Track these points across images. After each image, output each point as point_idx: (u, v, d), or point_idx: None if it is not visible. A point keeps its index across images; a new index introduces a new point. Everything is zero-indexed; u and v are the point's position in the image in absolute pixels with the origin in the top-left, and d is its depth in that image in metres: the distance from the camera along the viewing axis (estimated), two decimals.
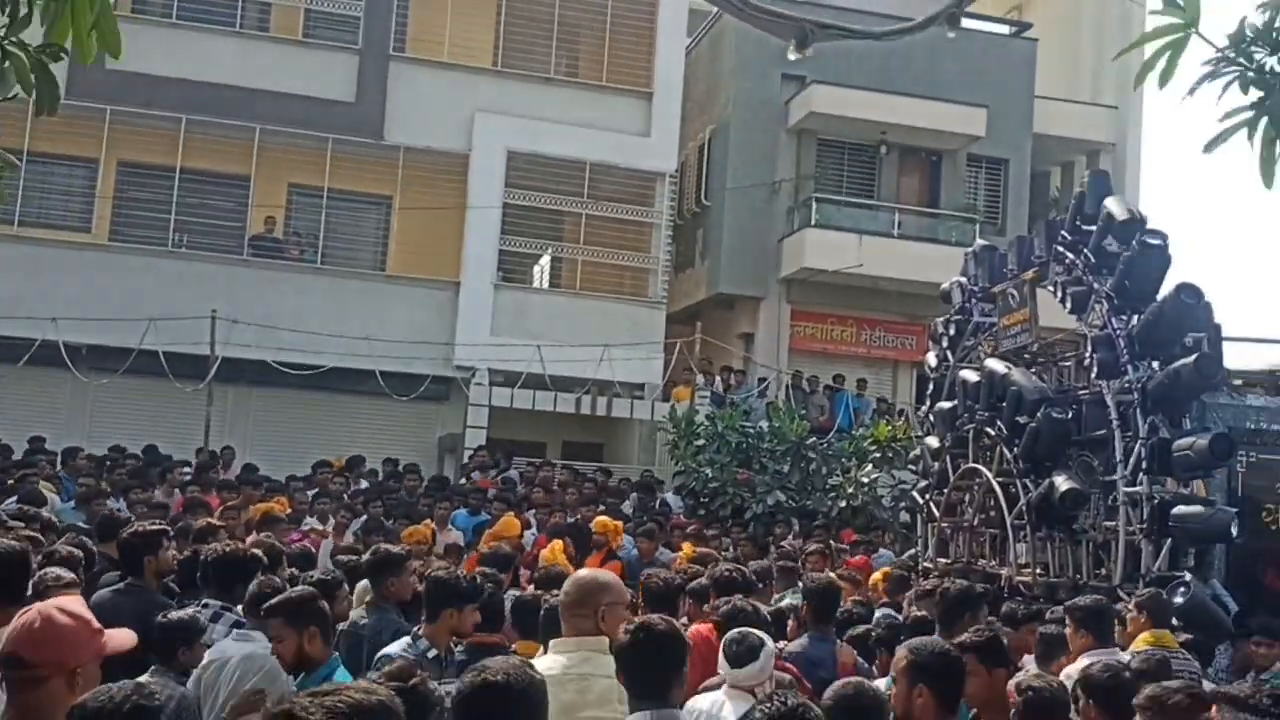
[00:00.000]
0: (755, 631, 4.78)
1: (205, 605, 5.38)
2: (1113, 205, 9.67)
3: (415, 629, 5.31)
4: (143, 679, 4.28)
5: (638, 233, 20.19)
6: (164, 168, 17.80)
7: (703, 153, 22.58)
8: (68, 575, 5.34)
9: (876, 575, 9.12)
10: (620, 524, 11.67)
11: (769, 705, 2.99)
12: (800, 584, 7.52)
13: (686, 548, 11.15)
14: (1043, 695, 4.19)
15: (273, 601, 4.80)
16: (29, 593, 4.79)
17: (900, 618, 7.17)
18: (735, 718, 4.15)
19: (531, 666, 3.00)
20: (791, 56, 4.57)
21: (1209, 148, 3.44)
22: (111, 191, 18.02)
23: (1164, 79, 3.44)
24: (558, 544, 10.42)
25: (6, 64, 2.66)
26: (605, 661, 3.80)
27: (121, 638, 3.49)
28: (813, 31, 4.21)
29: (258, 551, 5.99)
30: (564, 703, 3.63)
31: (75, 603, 3.12)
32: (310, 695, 2.05)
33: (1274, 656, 7.19)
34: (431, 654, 5.09)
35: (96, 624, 3.12)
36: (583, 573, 4.25)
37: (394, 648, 5.08)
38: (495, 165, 18.95)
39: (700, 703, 4.51)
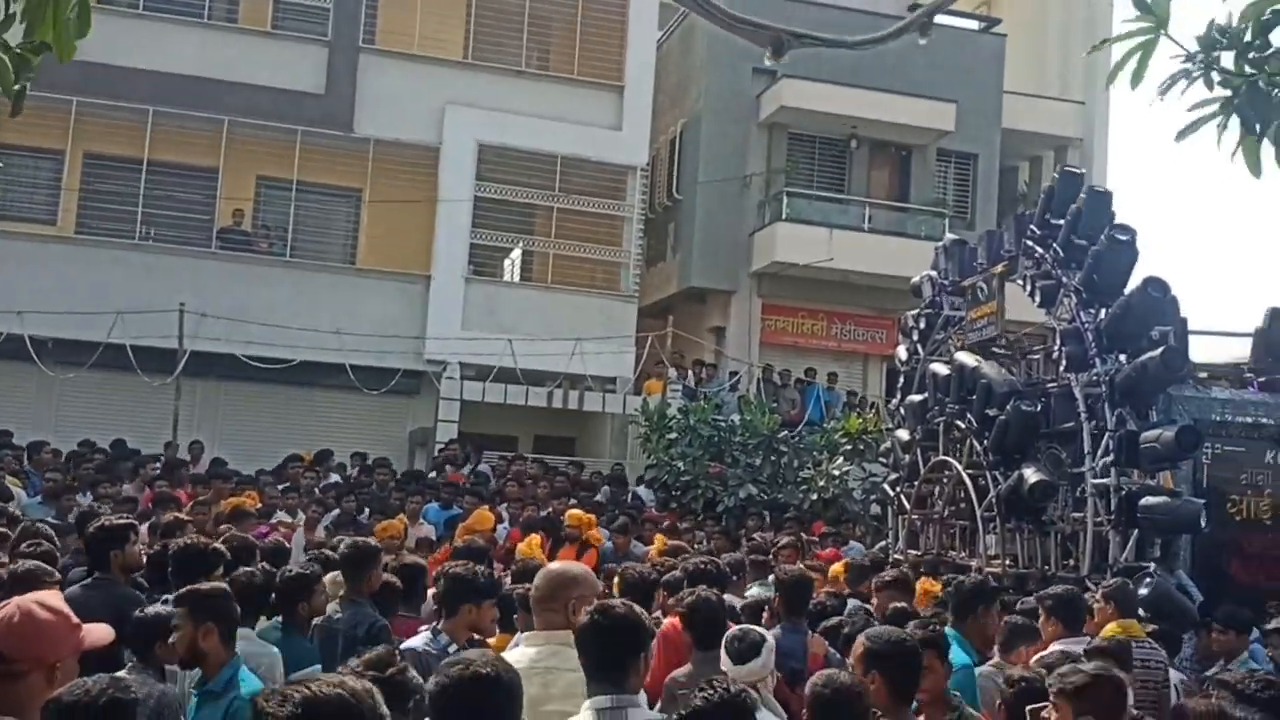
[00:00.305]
0: (756, 629, 4.90)
1: (167, 600, 5.36)
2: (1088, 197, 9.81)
3: (434, 625, 5.28)
4: (120, 674, 4.27)
5: (609, 226, 20.19)
6: (131, 160, 17.62)
7: (674, 146, 22.60)
8: (52, 569, 5.33)
9: (837, 566, 9.16)
10: (593, 517, 11.70)
11: (709, 693, 2.99)
12: (772, 576, 7.57)
13: (658, 540, 11.16)
14: (1034, 686, 4.24)
15: (181, 590, 4.76)
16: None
17: (869, 608, 7.21)
18: None
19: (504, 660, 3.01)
20: (768, 63, 4.62)
21: (1180, 137, 3.51)
22: (78, 184, 17.82)
23: (1135, 80, 3.50)
24: (535, 538, 10.41)
25: None
26: (572, 655, 3.80)
27: (99, 633, 3.47)
28: (788, 40, 4.25)
29: (219, 545, 5.94)
30: (530, 696, 3.61)
31: (54, 597, 3.11)
32: (276, 689, 2.05)
33: (1231, 645, 7.29)
34: (452, 649, 5.09)
35: (75, 619, 3.11)
36: (553, 566, 4.25)
37: (415, 642, 5.05)
38: (466, 158, 18.89)
39: None
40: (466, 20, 19.32)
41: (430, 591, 6.36)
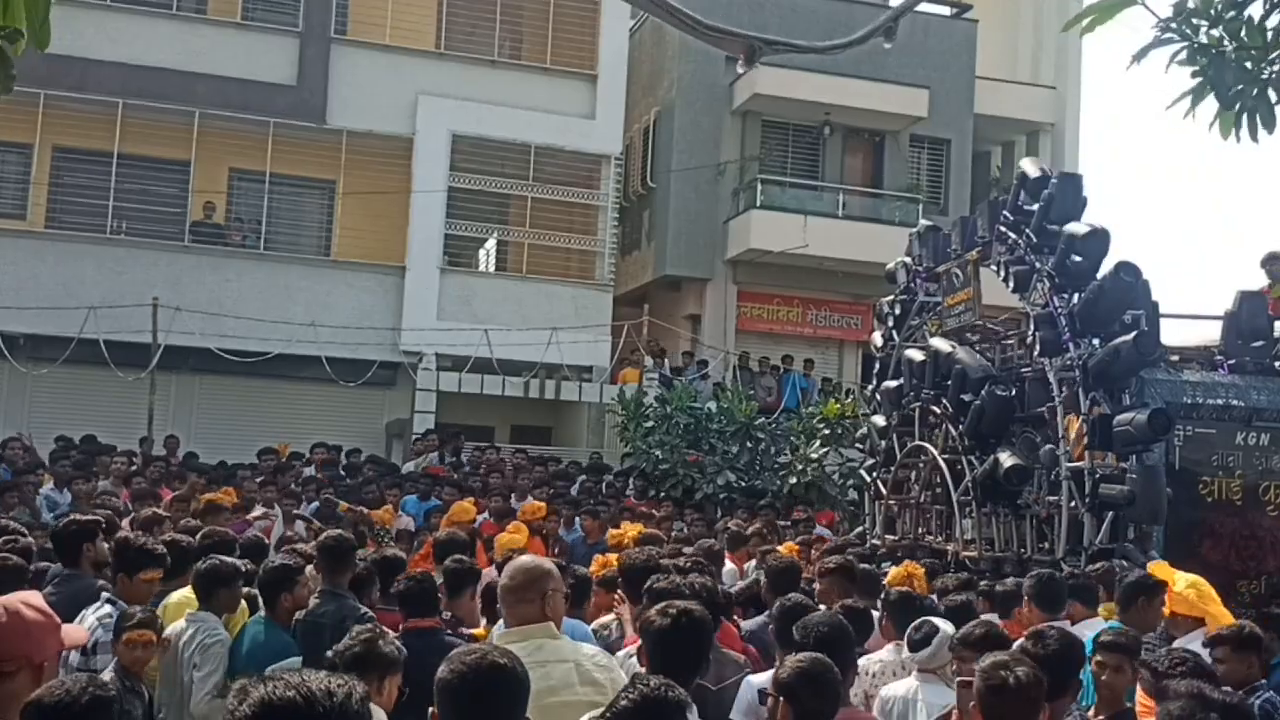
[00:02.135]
0: (934, 620, 5.13)
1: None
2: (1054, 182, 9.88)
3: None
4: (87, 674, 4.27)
5: (584, 215, 20.18)
6: (101, 153, 17.44)
7: (648, 135, 22.60)
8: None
9: (783, 550, 9.17)
10: (542, 505, 11.79)
11: (632, 692, 2.98)
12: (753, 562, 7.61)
13: (631, 528, 11.09)
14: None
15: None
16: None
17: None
18: (926, 699, 4.80)
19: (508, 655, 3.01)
20: (740, 70, 4.67)
21: (1170, 107, 3.56)
22: (47, 178, 17.64)
23: (1091, 26, 3.54)
24: (523, 528, 10.42)
25: None
26: (558, 646, 3.88)
27: (75, 634, 3.48)
28: (759, 47, 4.28)
29: (149, 541, 5.95)
30: (534, 690, 3.67)
31: (37, 597, 3.10)
32: (240, 685, 1.95)
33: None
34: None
35: (57, 619, 3.11)
36: (526, 559, 4.26)
37: None
38: (439, 149, 18.82)
39: (896, 689, 4.99)
40: (438, 9, 19.22)
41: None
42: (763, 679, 4.62)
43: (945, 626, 5.05)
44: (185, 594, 5.96)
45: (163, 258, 17.56)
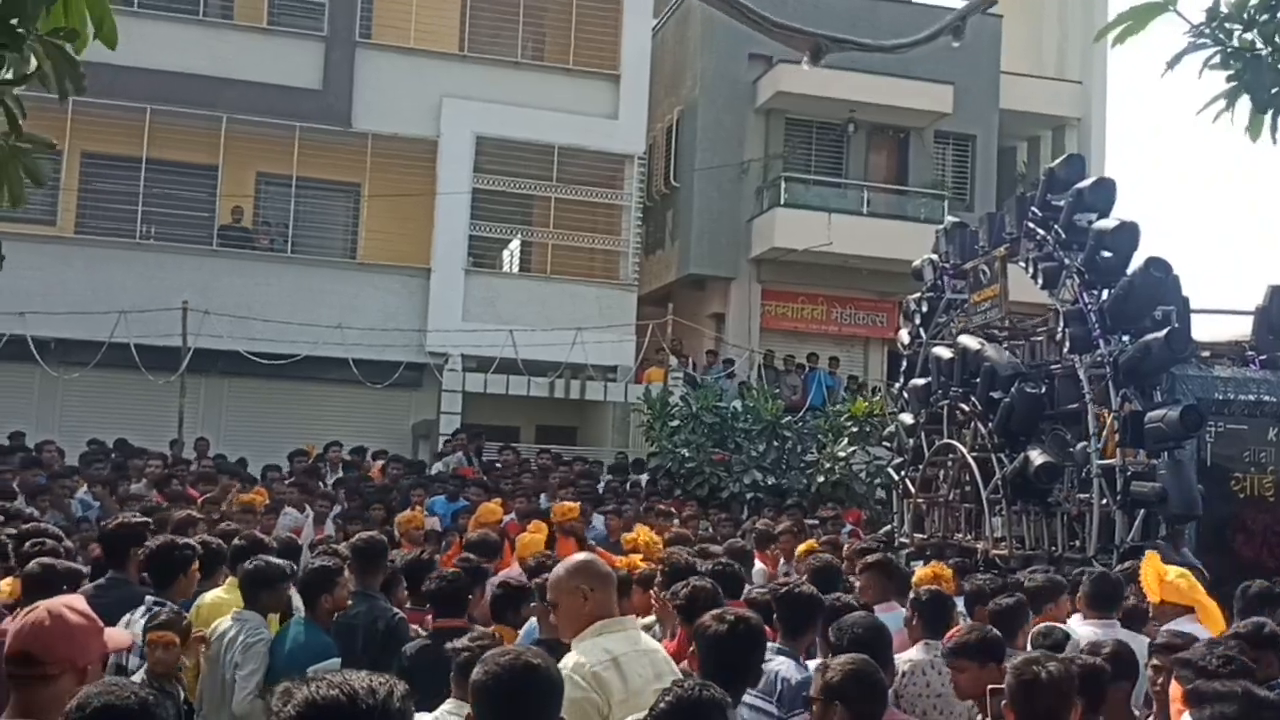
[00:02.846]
0: (1061, 626, 5.15)
1: (142, 601, 5.40)
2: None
3: None
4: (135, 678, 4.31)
5: (607, 215, 20.21)
6: (130, 158, 17.62)
7: (671, 134, 22.59)
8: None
9: (801, 548, 9.15)
10: (575, 506, 11.74)
11: (670, 694, 2.99)
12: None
13: (640, 531, 11.02)
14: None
15: None
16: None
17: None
18: None
19: (542, 655, 3.03)
20: (805, 68, 4.65)
21: (1201, 111, 3.54)
22: (76, 183, 17.81)
23: (1122, 37, 3.52)
24: (544, 527, 10.42)
25: (26, 50, 2.66)
26: (646, 636, 4.07)
27: (119, 638, 3.51)
28: (826, 45, 4.28)
29: (193, 543, 5.99)
30: (647, 676, 3.77)
31: (81, 601, 3.14)
32: (284, 686, 2.02)
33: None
34: None
35: (100, 623, 3.14)
36: (584, 556, 4.27)
37: None
38: (464, 150, 18.89)
39: None
40: (462, 12, 19.31)
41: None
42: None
43: (1075, 634, 5.04)
44: (218, 594, 6.02)
45: (191, 262, 17.71)
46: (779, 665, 4.69)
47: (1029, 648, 5.04)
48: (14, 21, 2.54)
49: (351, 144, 18.49)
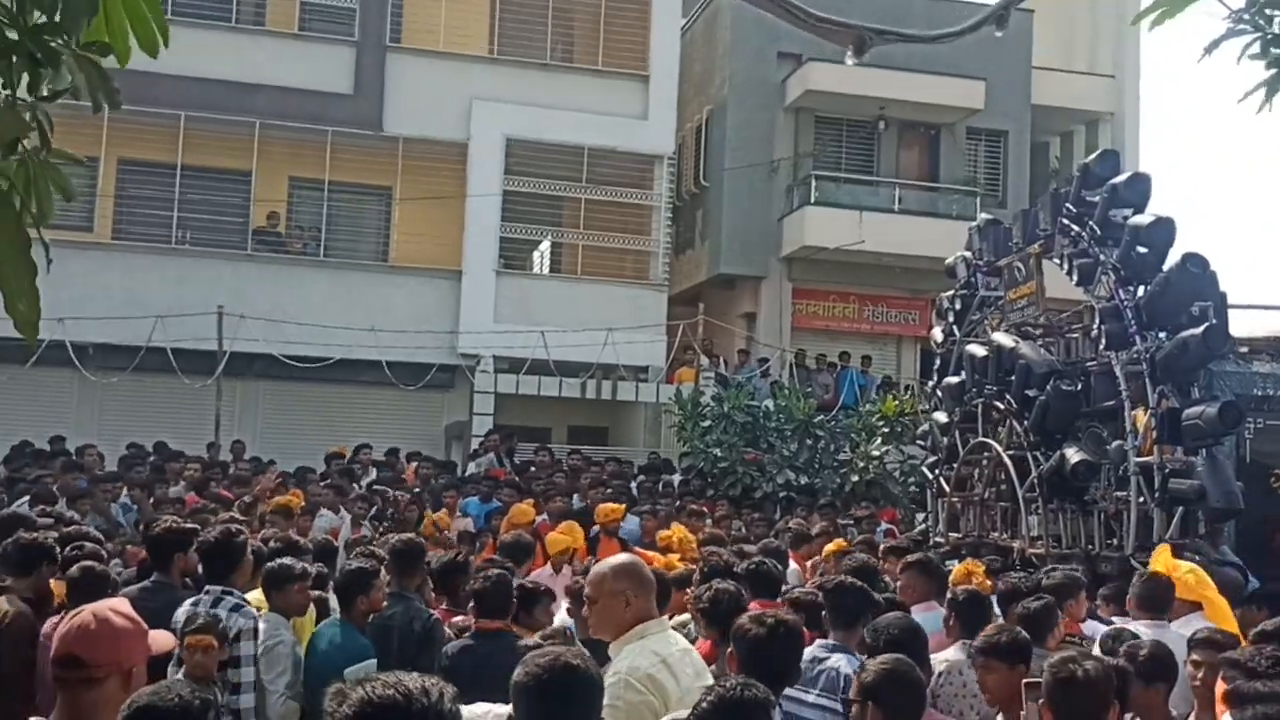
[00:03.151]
0: (1130, 628, 5.20)
1: (207, 592, 5.44)
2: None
3: None
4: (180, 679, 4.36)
5: (637, 215, 20.23)
6: (164, 165, 17.82)
7: (700, 134, 22.58)
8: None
9: (830, 547, 9.11)
10: (619, 507, 11.74)
11: (712, 694, 3.00)
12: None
13: (676, 529, 11.02)
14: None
15: None
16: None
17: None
18: None
19: (583, 655, 3.05)
20: (849, 63, 4.62)
21: (1242, 100, 3.50)
22: (113, 190, 18.02)
23: (1157, 21, 3.48)
24: (574, 527, 10.46)
25: (62, 64, 2.70)
26: (680, 636, 4.07)
27: (162, 640, 3.56)
28: (870, 38, 4.25)
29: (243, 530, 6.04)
30: (692, 673, 3.80)
31: (125, 604, 3.18)
32: (338, 688, 2.06)
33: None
34: None
35: (144, 625, 3.18)
36: (635, 560, 4.25)
37: None
38: (494, 153, 18.97)
39: None
40: (491, 15, 19.39)
41: None
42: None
43: (1145, 633, 5.05)
44: (256, 596, 6.07)
45: (226, 266, 17.88)
46: (837, 662, 4.69)
47: (1098, 650, 5.02)
48: (48, 37, 2.58)
49: (383, 148, 18.61)
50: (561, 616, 6.35)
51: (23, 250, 2.44)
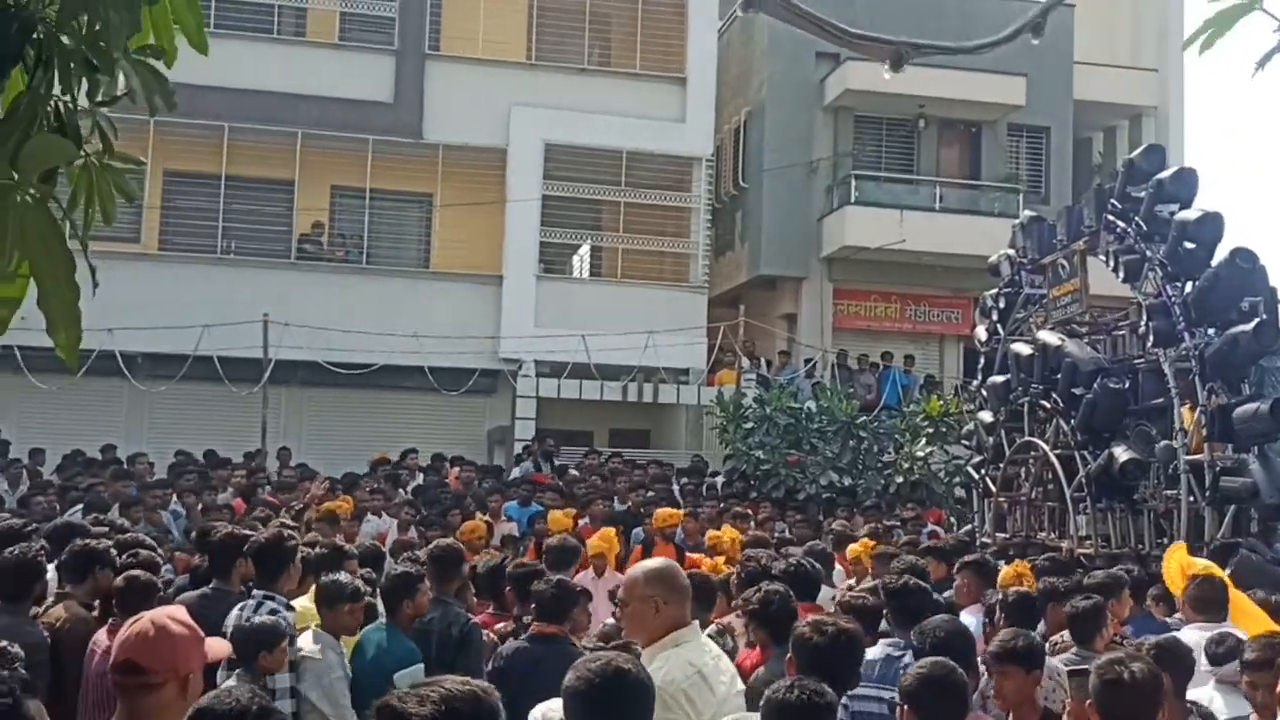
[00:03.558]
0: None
1: (251, 597, 5.52)
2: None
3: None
4: (230, 683, 4.41)
5: (676, 218, 20.23)
6: (209, 176, 18.04)
7: (738, 135, 22.53)
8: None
9: (858, 548, 9.04)
10: (677, 513, 11.72)
11: (785, 692, 3.00)
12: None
13: (727, 530, 11.01)
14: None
15: None
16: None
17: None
18: (1226, 709, 4.74)
19: (633, 660, 3.06)
20: (886, 75, 4.63)
21: None
22: (159, 201, 18.26)
23: (1212, 40, 3.46)
24: (610, 531, 10.48)
25: (118, 70, 2.75)
26: (711, 641, 4.08)
27: (218, 647, 3.61)
28: (907, 52, 4.26)
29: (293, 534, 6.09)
30: (728, 680, 3.79)
31: (182, 611, 3.23)
32: (409, 689, 2.16)
33: None
34: None
35: (201, 632, 3.23)
36: (671, 566, 4.18)
37: None
38: (533, 158, 19.04)
39: (1199, 695, 4.91)
40: (528, 21, 19.46)
41: None
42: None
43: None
44: (304, 603, 6.12)
45: (270, 275, 18.06)
46: (909, 659, 4.71)
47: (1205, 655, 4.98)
48: (103, 43, 2.63)
49: (423, 155, 18.74)
50: (608, 621, 6.37)
51: (68, 276, 2.48)
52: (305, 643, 5.37)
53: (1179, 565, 6.51)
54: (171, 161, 18.09)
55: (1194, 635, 5.46)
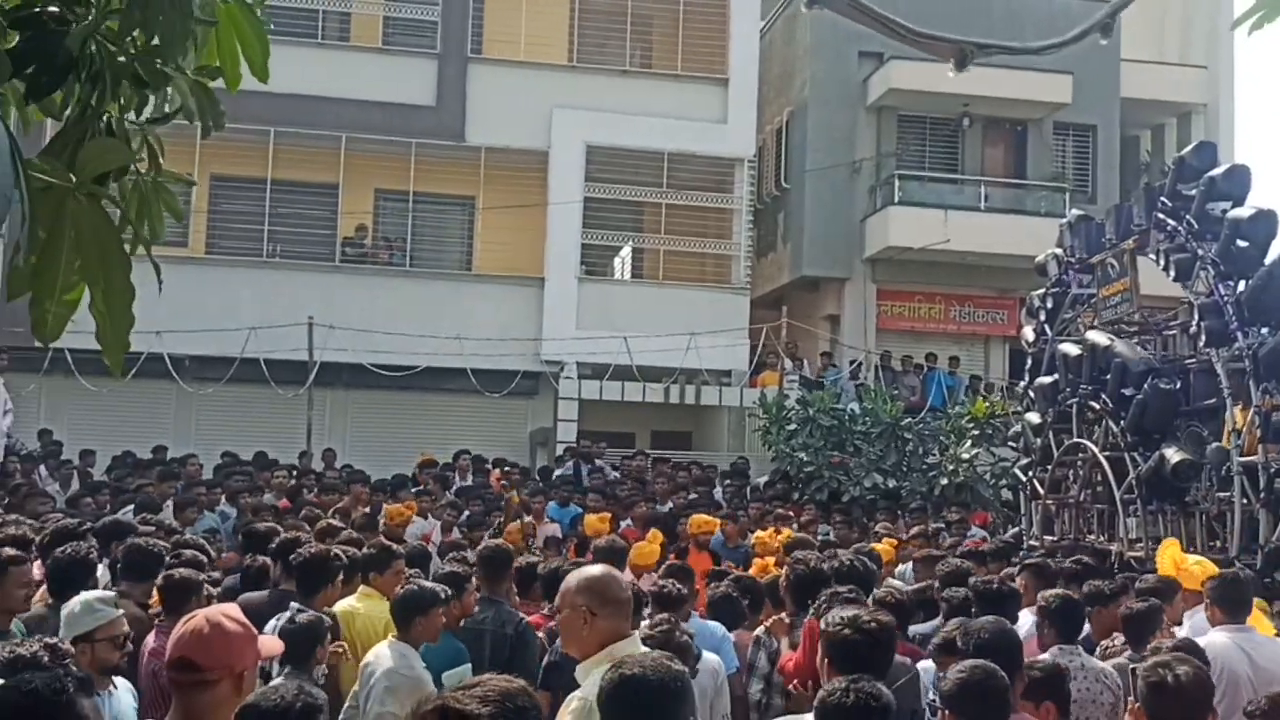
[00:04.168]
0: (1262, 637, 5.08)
1: (289, 608, 5.49)
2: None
3: None
4: (277, 680, 4.44)
5: (718, 219, 20.19)
6: (255, 180, 18.25)
7: (780, 136, 22.45)
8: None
9: (880, 547, 8.93)
10: (714, 520, 11.65)
11: (839, 692, 2.99)
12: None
13: (775, 532, 10.93)
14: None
15: None
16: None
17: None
18: None
19: (674, 659, 3.04)
20: (950, 75, 4.59)
21: None
22: (206, 205, 18.49)
23: (1261, 23, 3.38)
24: (658, 535, 10.45)
25: (168, 87, 2.79)
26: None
27: (271, 644, 3.64)
28: (972, 51, 4.21)
29: (339, 551, 6.10)
30: None
31: (236, 609, 3.26)
32: (460, 688, 2.19)
33: None
34: None
35: (254, 630, 3.26)
36: (607, 575, 3.79)
37: None
38: (575, 160, 19.08)
39: None
40: (570, 23, 19.51)
41: None
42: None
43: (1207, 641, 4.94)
44: (350, 603, 6.15)
45: (315, 278, 18.24)
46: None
47: None
48: (159, 61, 2.65)
49: (465, 158, 18.84)
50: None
51: (124, 278, 2.50)
52: (381, 657, 5.11)
53: (1171, 560, 6.63)
54: (218, 166, 18.29)
55: (1222, 638, 5.37)
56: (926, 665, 5.00)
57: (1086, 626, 5.80)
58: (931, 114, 21.63)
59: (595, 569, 3.82)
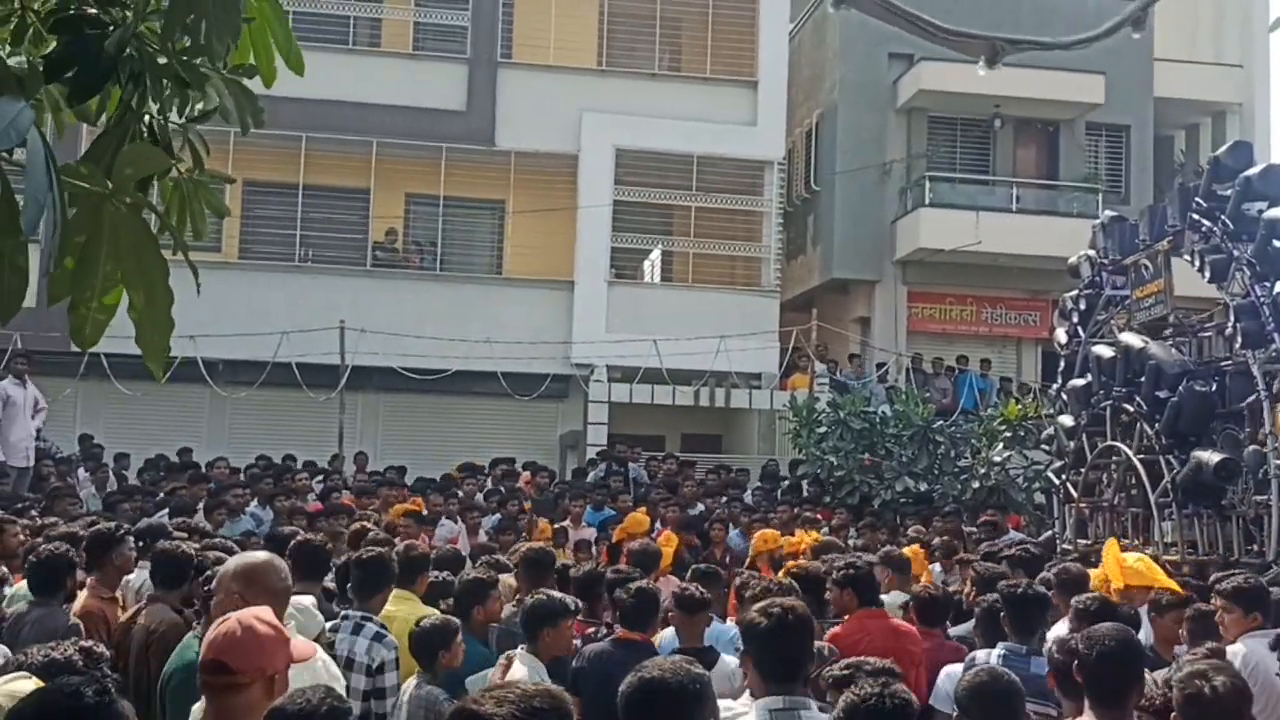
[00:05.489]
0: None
1: (346, 617, 5.41)
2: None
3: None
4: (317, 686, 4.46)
5: (748, 222, 20.16)
6: (287, 185, 18.38)
7: (810, 138, 22.40)
8: None
9: (907, 551, 8.85)
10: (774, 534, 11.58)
11: (863, 691, 2.96)
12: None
13: (802, 535, 10.85)
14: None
15: None
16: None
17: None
18: None
19: (695, 663, 3.02)
20: (981, 73, 4.56)
21: None
22: (239, 210, 18.63)
23: None
24: (673, 537, 10.48)
25: (208, 86, 2.81)
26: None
27: (302, 648, 3.66)
28: (1003, 48, 4.19)
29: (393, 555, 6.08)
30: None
31: (269, 612, 3.28)
32: (484, 692, 2.19)
33: None
34: None
35: (286, 633, 3.28)
36: (267, 564, 3.91)
37: None
38: (604, 164, 19.11)
39: None
40: (599, 27, 19.55)
41: None
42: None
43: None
44: (386, 608, 6.16)
45: (347, 282, 18.35)
46: (1039, 667, 4.70)
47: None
48: (199, 60, 2.68)
49: (495, 162, 18.92)
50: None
51: (162, 283, 2.52)
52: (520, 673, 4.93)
53: (1114, 559, 6.71)
54: (250, 172, 18.35)
55: (1256, 644, 5.30)
56: (952, 670, 4.96)
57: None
58: (962, 115, 21.51)
59: (253, 555, 3.96)
